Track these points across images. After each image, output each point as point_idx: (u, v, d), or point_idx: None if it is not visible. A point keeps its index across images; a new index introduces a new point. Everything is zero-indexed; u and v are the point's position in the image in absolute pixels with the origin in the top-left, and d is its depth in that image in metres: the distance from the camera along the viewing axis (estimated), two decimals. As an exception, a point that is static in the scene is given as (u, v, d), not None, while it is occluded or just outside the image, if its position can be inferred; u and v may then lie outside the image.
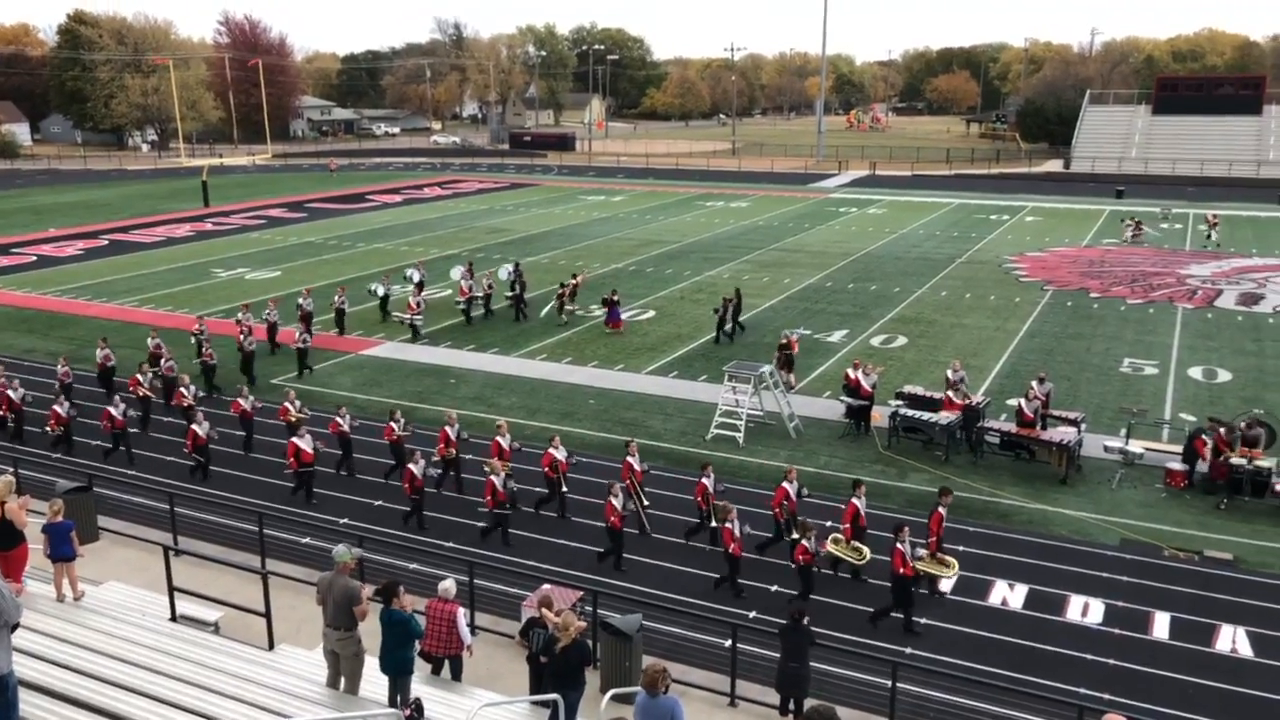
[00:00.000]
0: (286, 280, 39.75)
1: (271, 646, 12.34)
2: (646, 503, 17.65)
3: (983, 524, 17.81)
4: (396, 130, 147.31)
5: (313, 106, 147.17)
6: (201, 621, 13.11)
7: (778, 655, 12.05)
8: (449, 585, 11.72)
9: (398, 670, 10.70)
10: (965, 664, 13.48)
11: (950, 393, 21.84)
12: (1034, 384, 21.98)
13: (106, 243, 50.18)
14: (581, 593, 13.43)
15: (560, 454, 18.12)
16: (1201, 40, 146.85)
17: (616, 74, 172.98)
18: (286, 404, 21.06)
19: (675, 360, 28.56)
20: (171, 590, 12.94)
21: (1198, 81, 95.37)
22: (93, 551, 15.55)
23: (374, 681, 11.09)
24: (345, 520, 17.93)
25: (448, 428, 19.17)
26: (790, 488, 16.36)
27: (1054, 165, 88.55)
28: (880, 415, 22.51)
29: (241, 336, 26.30)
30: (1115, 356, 28.67)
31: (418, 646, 11.11)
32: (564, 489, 18.09)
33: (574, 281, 33.92)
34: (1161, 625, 14.56)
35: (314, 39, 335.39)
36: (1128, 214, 53.18)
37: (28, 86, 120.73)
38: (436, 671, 11.95)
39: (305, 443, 18.73)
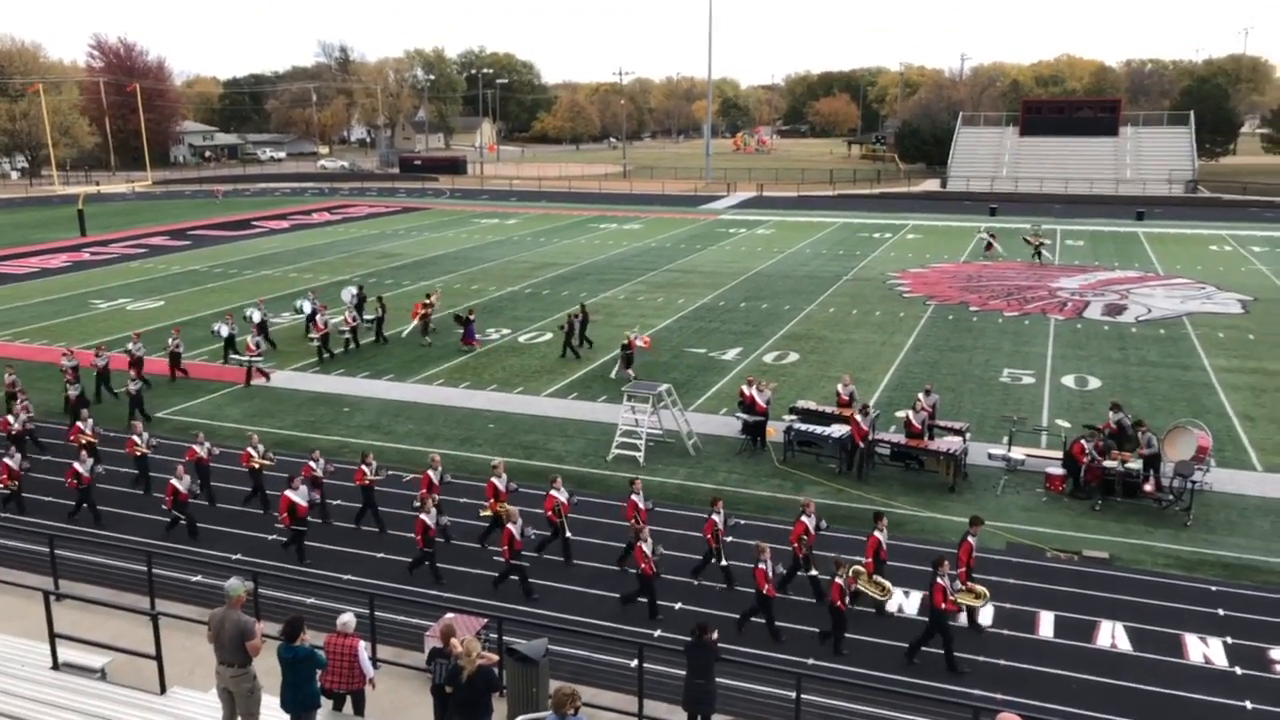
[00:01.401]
0: (170, 310, 38.42)
1: (163, 690, 11.90)
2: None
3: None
4: (282, 155, 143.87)
5: (194, 131, 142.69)
6: (87, 668, 12.54)
7: (684, 673, 12.18)
8: (348, 619, 11.51)
9: (304, 706, 10.47)
10: (864, 671, 13.84)
11: (857, 415, 21.95)
12: (920, 396, 22.77)
13: (-29, 275, 47.67)
14: (486, 620, 13.35)
15: (562, 495, 17.38)
16: (1061, 65, 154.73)
17: (506, 98, 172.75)
18: (250, 449, 19.69)
19: (574, 382, 28.63)
20: (53, 637, 12.37)
21: (1059, 104, 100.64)
22: (-35, 601, 14.76)
23: (273, 720, 10.81)
24: (238, 556, 17.41)
25: (495, 479, 18.04)
26: (809, 521, 15.92)
27: (932, 185, 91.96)
28: (775, 430, 23.00)
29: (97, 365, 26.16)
30: (995, 367, 29.92)
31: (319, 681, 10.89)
32: (567, 533, 17.32)
33: (429, 301, 34.13)
34: (1046, 624, 15.24)
35: (194, 62, 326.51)
36: (986, 228, 55.74)
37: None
38: (339, 708, 11.70)
39: (299, 495, 17.29)
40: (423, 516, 16.41)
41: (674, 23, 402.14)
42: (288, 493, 17.24)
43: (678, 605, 15.75)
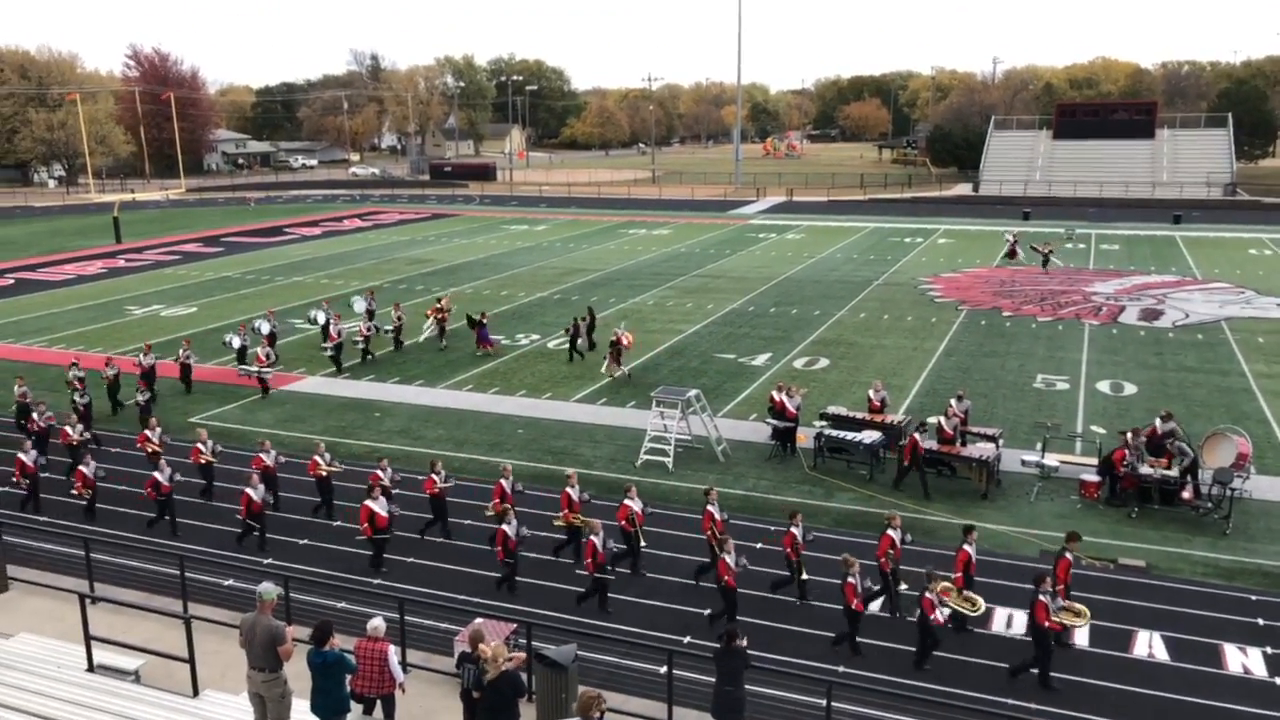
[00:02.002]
0: (203, 316, 38.86)
1: (196, 693, 11.99)
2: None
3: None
4: (314, 162, 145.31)
5: (227, 140, 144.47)
6: (121, 670, 12.67)
7: (713, 680, 12.10)
8: (378, 623, 11.54)
9: (335, 711, 10.50)
10: (898, 680, 13.70)
11: (915, 434, 21.56)
12: (953, 401, 22.55)
13: (12, 281, 48.46)
14: (515, 625, 13.34)
15: (636, 505, 17.00)
16: (1096, 68, 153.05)
17: (536, 104, 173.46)
18: (317, 457, 19.50)
19: (603, 388, 28.62)
20: (88, 639, 12.50)
21: (1094, 107, 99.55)
22: (3, 602, 14.97)
23: (304, 724, 10.85)
24: (269, 560, 17.54)
25: (570, 489, 17.47)
26: (895, 535, 15.50)
27: (964, 189, 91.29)
28: (805, 436, 22.86)
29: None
30: (1029, 373, 29.59)
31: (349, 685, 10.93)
32: (641, 543, 17.04)
33: (441, 305, 34.29)
34: (1081, 633, 14.98)
35: (227, 71, 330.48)
36: (1015, 232, 55.02)
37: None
38: (369, 712, 11.73)
39: (380, 505, 17.09)
40: (504, 527, 15.90)
41: (703, 28, 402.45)
42: (368, 502, 17.04)
43: (706, 611, 15.65)
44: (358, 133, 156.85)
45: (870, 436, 21.60)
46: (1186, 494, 19.18)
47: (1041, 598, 13.41)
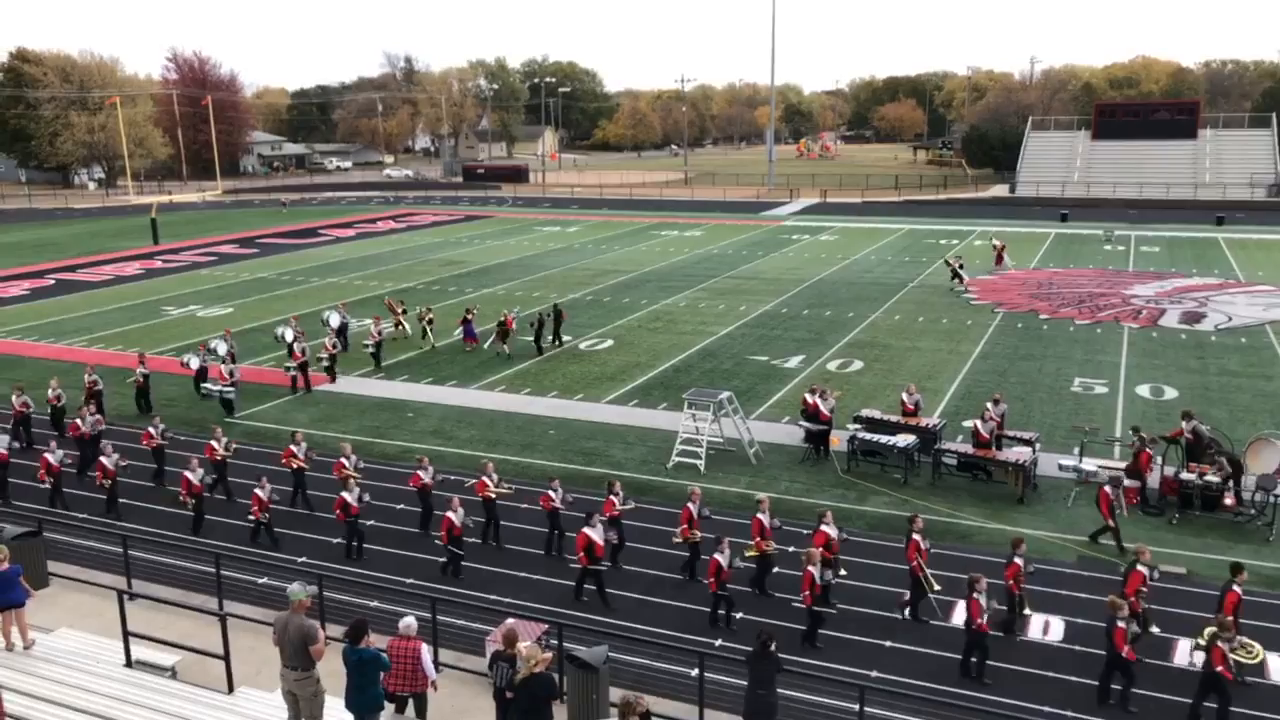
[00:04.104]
0: (240, 316, 39.28)
1: (231, 690, 12.10)
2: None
3: (943, 545, 17.94)
4: (348, 164, 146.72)
5: (263, 142, 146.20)
6: (158, 666, 12.82)
7: (745, 683, 12.03)
8: (410, 622, 11.59)
9: (368, 708, 10.55)
10: (929, 685, 13.55)
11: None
12: (989, 405, 22.28)
13: (53, 282, 49.25)
14: (546, 626, 13.34)
15: (767, 520, 16.35)
16: (1136, 67, 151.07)
17: (569, 106, 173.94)
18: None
19: (634, 389, 28.60)
20: (126, 635, 12.66)
21: (1135, 107, 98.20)
22: (43, 598, 15.17)
23: (337, 722, 10.91)
24: (303, 559, 17.66)
25: (691, 504, 16.81)
26: (1020, 562, 14.88)
27: (1000, 190, 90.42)
28: (839, 439, 22.70)
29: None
30: (1066, 376, 29.20)
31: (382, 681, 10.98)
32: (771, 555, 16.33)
33: (426, 311, 34.66)
34: (1043, 628, 14.79)
35: (263, 74, 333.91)
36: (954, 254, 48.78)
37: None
38: (401, 710, 11.79)
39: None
40: (716, 557, 14.88)
41: (737, 29, 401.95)
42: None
43: (739, 614, 15.55)
44: (392, 135, 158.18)
45: (904, 440, 21.40)
46: (1229, 500, 18.82)
47: (1219, 644, 12.40)
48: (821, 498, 20.35)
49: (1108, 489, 17.69)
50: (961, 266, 44.33)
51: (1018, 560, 14.89)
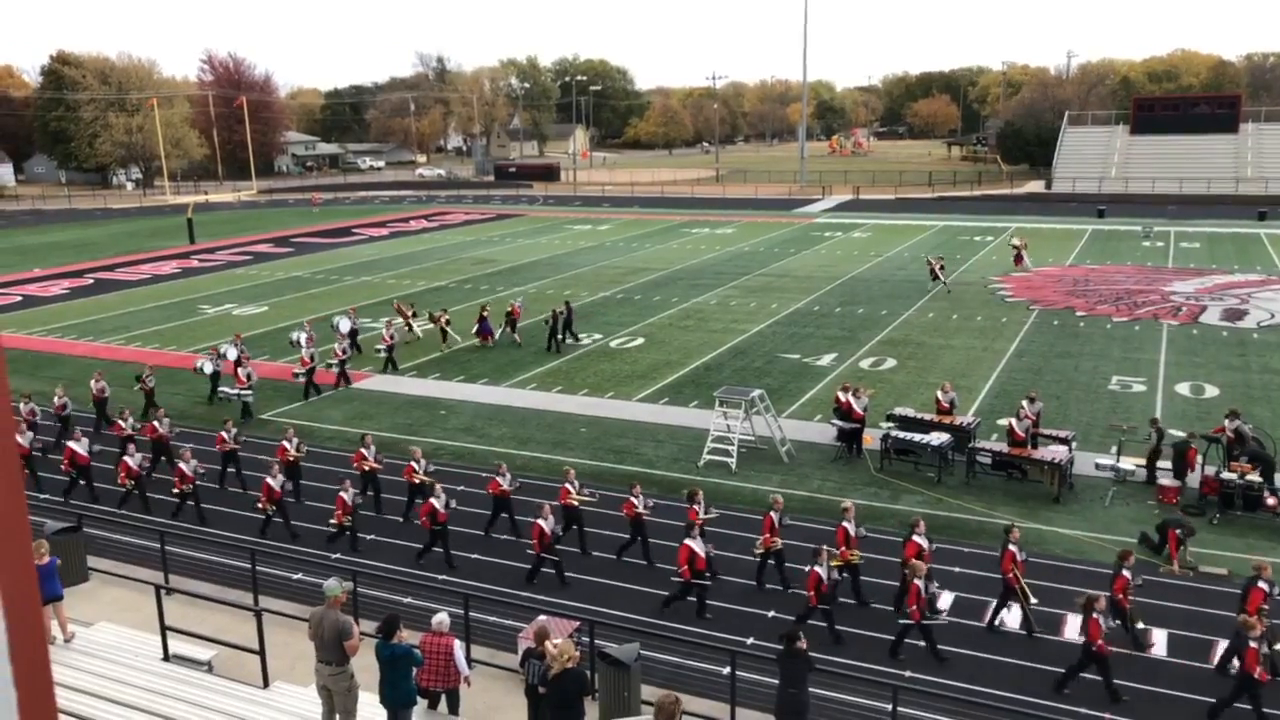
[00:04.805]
0: (275, 315, 39.68)
1: (266, 684, 12.21)
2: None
3: (977, 544, 17.79)
4: (381, 164, 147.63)
5: (297, 142, 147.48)
6: (195, 661, 12.97)
7: (776, 681, 11.98)
8: (443, 618, 11.65)
9: (401, 704, 10.62)
10: (963, 685, 13.42)
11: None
12: (1024, 403, 22.02)
13: (91, 281, 50.02)
14: (579, 623, 13.35)
15: (923, 543, 15.54)
16: (1176, 61, 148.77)
17: (600, 104, 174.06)
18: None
19: (665, 387, 28.57)
20: (164, 629, 12.81)
21: (1174, 101, 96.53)
22: (83, 592, 15.41)
23: (370, 717, 10.98)
24: (337, 555, 17.80)
25: (846, 524, 16.04)
26: (1129, 574, 14.44)
27: (1035, 186, 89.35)
28: (872, 438, 22.54)
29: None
30: (1103, 374, 28.82)
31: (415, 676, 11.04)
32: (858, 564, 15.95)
33: (441, 314, 34.62)
34: (1159, 642, 14.54)
35: (297, 74, 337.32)
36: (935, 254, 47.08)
37: (11, 128, 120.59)
38: (434, 706, 11.84)
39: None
40: (816, 569, 14.46)
41: (769, 26, 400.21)
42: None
43: (770, 613, 15.48)
44: (424, 134, 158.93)
45: (938, 438, 21.21)
46: (1270, 500, 18.49)
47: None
48: (854, 496, 20.19)
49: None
50: (942, 268, 43.14)
51: (1125, 573, 14.42)
